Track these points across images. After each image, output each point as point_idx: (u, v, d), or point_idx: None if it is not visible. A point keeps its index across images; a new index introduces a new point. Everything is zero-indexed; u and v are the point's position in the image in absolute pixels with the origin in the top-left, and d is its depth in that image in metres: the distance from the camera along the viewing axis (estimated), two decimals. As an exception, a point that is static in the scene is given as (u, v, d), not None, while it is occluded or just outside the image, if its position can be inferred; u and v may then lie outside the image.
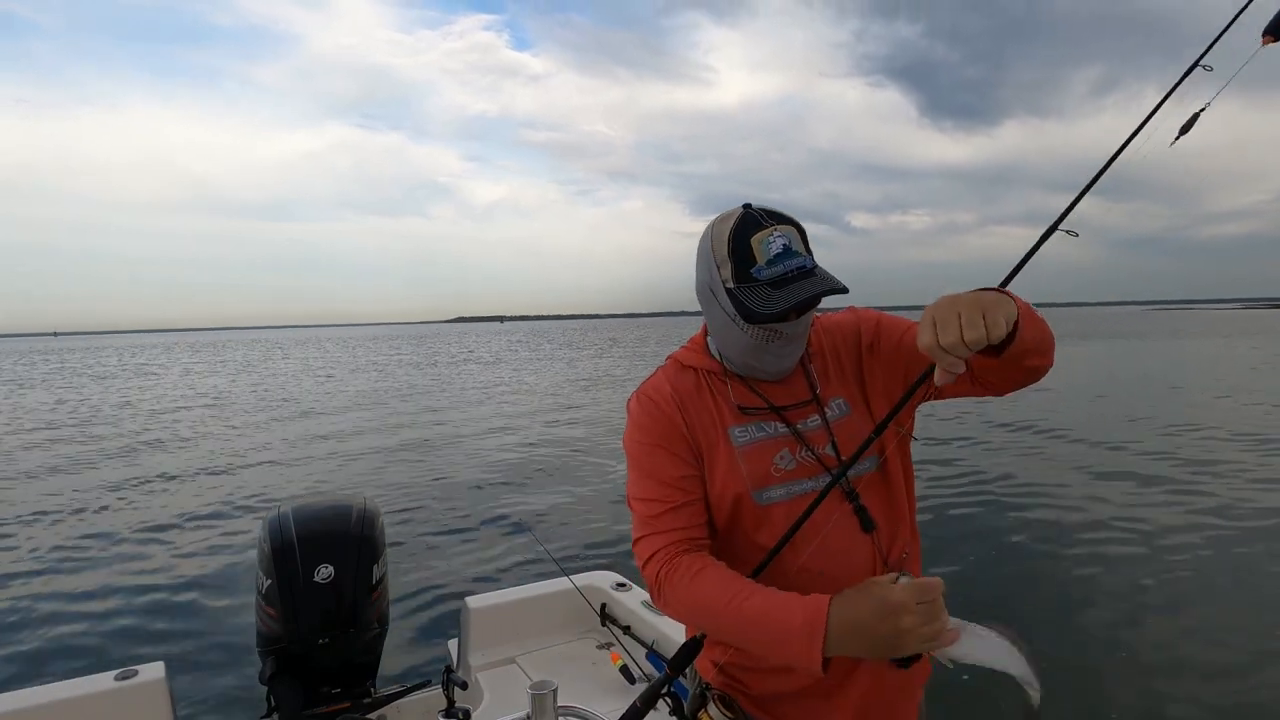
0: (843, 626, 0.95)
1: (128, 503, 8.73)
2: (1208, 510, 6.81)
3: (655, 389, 1.24)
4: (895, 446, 1.21)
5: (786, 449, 1.20)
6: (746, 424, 1.21)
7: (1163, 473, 8.32)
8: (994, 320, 0.91)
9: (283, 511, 2.35)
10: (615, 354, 38.29)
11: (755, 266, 1.11)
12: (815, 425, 1.22)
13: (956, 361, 0.92)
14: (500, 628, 2.74)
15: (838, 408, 1.24)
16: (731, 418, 1.21)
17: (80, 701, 2.13)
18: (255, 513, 7.79)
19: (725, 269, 1.14)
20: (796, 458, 1.19)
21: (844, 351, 1.28)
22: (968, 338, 0.90)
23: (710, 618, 1.08)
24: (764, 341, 1.16)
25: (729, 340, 1.19)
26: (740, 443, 1.19)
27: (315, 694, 2.28)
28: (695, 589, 1.08)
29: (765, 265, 1.10)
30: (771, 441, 1.20)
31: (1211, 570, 5.35)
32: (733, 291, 1.13)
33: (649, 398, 1.24)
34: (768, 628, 1.01)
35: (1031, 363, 1.08)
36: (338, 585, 2.21)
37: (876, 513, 1.19)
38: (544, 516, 7.41)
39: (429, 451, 11.33)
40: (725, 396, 1.22)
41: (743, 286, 1.12)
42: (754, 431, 1.20)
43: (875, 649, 0.95)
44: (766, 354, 1.18)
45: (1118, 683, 3.84)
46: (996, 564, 5.64)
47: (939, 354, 0.92)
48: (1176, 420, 11.82)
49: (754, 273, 1.11)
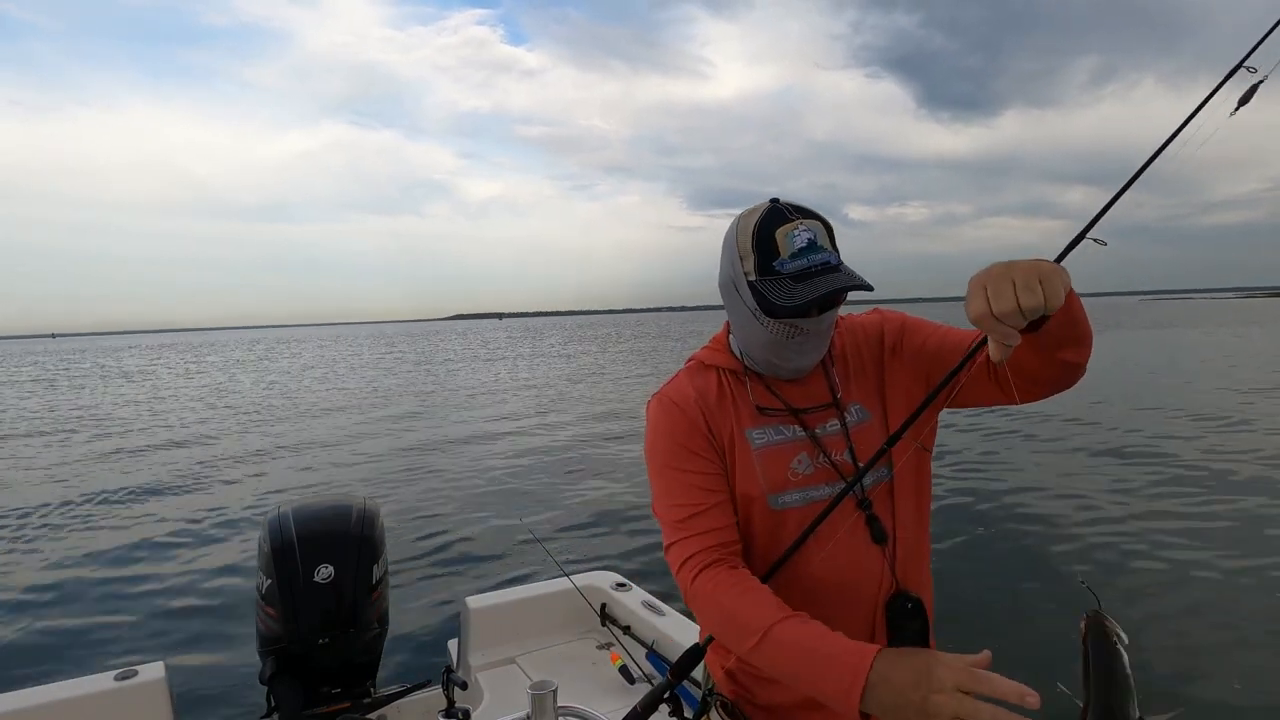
0: (882, 679, 0.90)
1: (127, 503, 8.73)
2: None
3: (677, 391, 1.23)
4: (912, 456, 1.18)
5: (804, 453, 1.18)
6: (765, 426, 1.19)
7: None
8: (1053, 288, 0.84)
9: (283, 511, 2.35)
10: (614, 351, 38.28)
11: (778, 259, 1.09)
12: (834, 430, 1.20)
13: (1010, 332, 0.86)
14: (500, 628, 2.74)
15: (857, 413, 1.21)
16: (750, 419, 1.19)
17: (80, 701, 2.13)
18: (255, 512, 7.79)
19: (748, 261, 1.12)
20: (814, 463, 1.17)
21: (866, 354, 1.25)
22: (1024, 304, 0.83)
23: (747, 637, 1.04)
24: (785, 337, 1.14)
25: (750, 336, 1.18)
26: (758, 445, 1.18)
27: (315, 694, 2.28)
28: (738, 606, 1.06)
29: (789, 259, 1.08)
30: (789, 445, 1.18)
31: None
32: (754, 284, 1.11)
33: (671, 401, 1.22)
34: (807, 660, 0.97)
35: (1067, 355, 1.01)
36: (338, 585, 2.21)
37: (889, 523, 1.17)
38: (544, 516, 7.41)
39: (429, 451, 11.33)
40: (744, 397, 1.21)
41: (765, 279, 1.10)
42: (771, 434, 1.19)
43: (900, 712, 0.88)
44: (787, 350, 1.15)
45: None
46: (1002, 575, 5.64)
47: (992, 324, 0.86)
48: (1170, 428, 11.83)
49: (777, 265, 1.09)
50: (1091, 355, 1.05)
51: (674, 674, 1.21)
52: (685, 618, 2.60)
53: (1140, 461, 8.85)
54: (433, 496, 8.37)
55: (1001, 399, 1.13)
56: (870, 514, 1.16)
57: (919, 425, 1.14)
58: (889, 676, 0.89)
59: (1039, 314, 0.85)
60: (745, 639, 1.04)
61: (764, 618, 1.02)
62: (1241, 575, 5.18)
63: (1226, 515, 6.58)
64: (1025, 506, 7.12)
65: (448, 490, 8.66)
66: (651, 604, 2.69)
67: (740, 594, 1.07)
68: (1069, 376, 1.07)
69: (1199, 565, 5.39)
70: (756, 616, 1.03)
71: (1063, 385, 1.09)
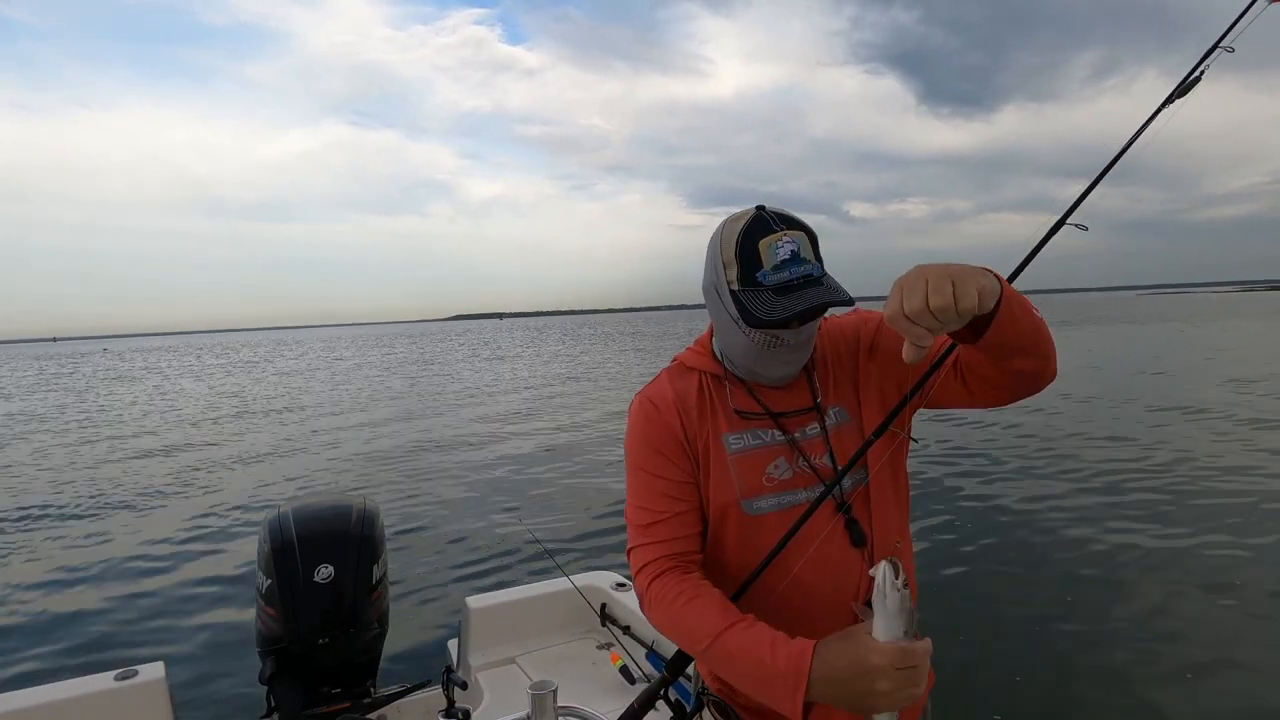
0: (823, 679, 0.94)
1: (127, 503, 8.74)
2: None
3: (657, 393, 1.23)
4: (889, 457, 1.18)
5: (782, 457, 1.18)
6: (742, 431, 1.19)
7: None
8: (964, 290, 0.85)
9: (283, 511, 2.35)
10: (613, 350, 38.29)
11: (761, 270, 1.08)
12: (814, 434, 1.20)
13: (923, 333, 0.88)
14: (500, 628, 2.74)
15: (836, 416, 1.22)
16: (727, 424, 1.19)
17: (80, 701, 2.13)
18: (255, 513, 7.79)
19: (731, 270, 1.12)
20: (793, 467, 1.18)
21: (845, 356, 1.26)
22: (933, 304, 0.85)
23: (694, 645, 1.07)
24: (766, 347, 1.14)
25: (732, 342, 1.18)
26: (734, 450, 1.18)
27: (315, 694, 2.28)
28: (684, 614, 1.08)
29: (771, 270, 1.08)
30: (766, 450, 1.18)
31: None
32: (736, 294, 1.11)
33: (650, 402, 1.22)
34: (751, 670, 1.00)
35: (1020, 365, 1.02)
36: (338, 585, 2.21)
37: (868, 526, 1.17)
38: (544, 517, 7.41)
39: (429, 451, 11.34)
40: (724, 401, 1.21)
41: (747, 290, 1.10)
42: (749, 439, 1.19)
43: (849, 705, 0.93)
44: (769, 360, 1.16)
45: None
46: (988, 572, 5.64)
47: (902, 323, 0.88)
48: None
49: (759, 277, 1.08)
50: (1056, 366, 1.06)
51: (669, 671, 1.22)
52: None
53: (1101, 455, 8.85)
54: (433, 497, 8.37)
55: (968, 403, 1.14)
56: (849, 517, 1.16)
57: (896, 425, 1.15)
58: (828, 676, 0.93)
59: (949, 316, 0.86)
60: (694, 646, 1.07)
61: (710, 627, 1.04)
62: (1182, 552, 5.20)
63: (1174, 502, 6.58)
64: (1002, 498, 7.13)
65: (448, 490, 8.66)
66: None
67: (687, 601, 1.08)
68: (1027, 385, 1.08)
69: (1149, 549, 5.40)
70: (702, 625, 1.05)
71: (1024, 393, 1.10)
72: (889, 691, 0.90)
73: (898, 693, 0.90)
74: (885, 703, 0.91)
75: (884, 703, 0.91)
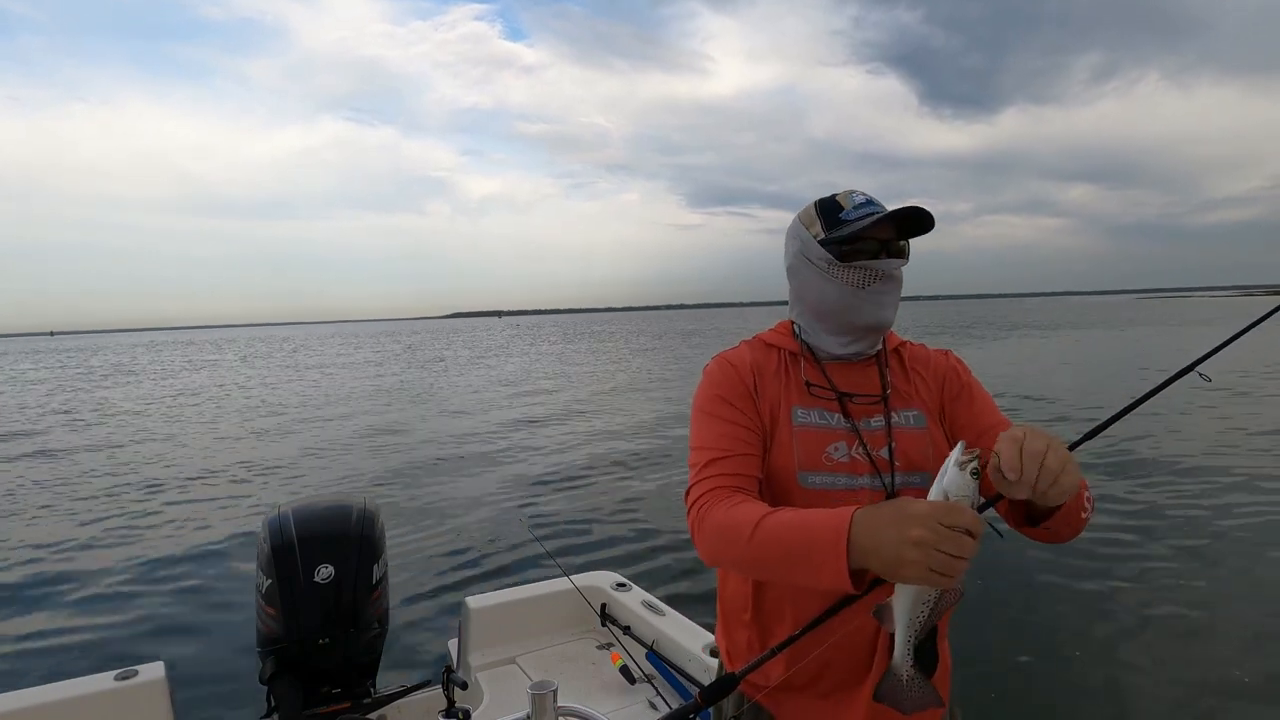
0: (863, 524, 0.92)
1: (126, 503, 8.72)
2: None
3: (736, 355, 1.29)
4: None
5: (843, 441, 1.21)
6: (810, 408, 1.23)
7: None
8: (1068, 484, 0.92)
9: (283, 511, 2.35)
10: (614, 350, 38.27)
11: (844, 211, 1.22)
12: (878, 426, 1.23)
13: (1018, 487, 0.92)
14: (500, 628, 2.74)
15: (912, 418, 1.25)
16: (798, 397, 1.24)
17: (80, 701, 2.13)
18: (255, 512, 7.79)
19: (815, 226, 1.24)
20: (851, 453, 1.20)
21: (930, 380, 1.30)
22: (1042, 485, 0.90)
23: (740, 537, 1.05)
24: (859, 285, 1.20)
25: (824, 299, 1.24)
26: (800, 423, 1.22)
27: (315, 694, 2.28)
28: (731, 514, 1.08)
29: (852, 209, 1.21)
30: (829, 431, 1.21)
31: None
32: (824, 241, 1.22)
33: (728, 361, 1.28)
34: (795, 540, 0.99)
35: (1040, 535, 1.11)
36: (338, 585, 2.21)
37: None
38: (544, 517, 7.40)
39: (429, 451, 11.32)
40: (798, 376, 1.26)
41: (834, 231, 1.21)
42: (815, 417, 1.22)
43: (882, 554, 0.89)
44: (865, 302, 1.21)
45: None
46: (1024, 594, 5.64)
47: (1005, 484, 0.92)
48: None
49: (842, 216, 1.21)
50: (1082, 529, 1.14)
51: (704, 699, 1.14)
52: (685, 618, 2.60)
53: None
54: (433, 496, 8.37)
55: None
56: None
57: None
58: (869, 522, 0.92)
59: (1045, 491, 0.91)
60: (740, 541, 1.05)
61: (755, 515, 1.05)
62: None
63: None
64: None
65: (448, 490, 8.65)
66: (651, 604, 2.69)
67: (732, 506, 1.10)
68: (1046, 539, 1.15)
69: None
70: (746, 517, 1.06)
71: (1049, 542, 1.17)
72: (922, 541, 0.85)
73: (931, 552, 0.85)
74: (917, 556, 0.85)
75: (915, 555, 0.85)
